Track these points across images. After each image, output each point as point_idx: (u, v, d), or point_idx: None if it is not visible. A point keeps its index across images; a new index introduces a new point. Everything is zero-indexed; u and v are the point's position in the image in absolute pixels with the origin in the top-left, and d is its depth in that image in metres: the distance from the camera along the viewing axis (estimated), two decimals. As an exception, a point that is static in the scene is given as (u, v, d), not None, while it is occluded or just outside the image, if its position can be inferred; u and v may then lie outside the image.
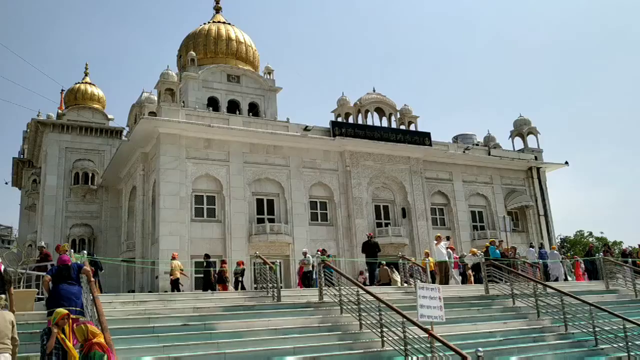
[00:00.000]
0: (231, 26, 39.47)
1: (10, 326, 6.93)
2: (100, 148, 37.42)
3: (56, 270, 8.97)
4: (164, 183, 25.60)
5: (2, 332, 6.73)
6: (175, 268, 19.58)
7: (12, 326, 6.99)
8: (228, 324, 10.65)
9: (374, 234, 22.86)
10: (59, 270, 8.92)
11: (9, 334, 6.85)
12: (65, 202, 35.32)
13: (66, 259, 9.25)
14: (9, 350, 6.81)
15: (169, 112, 26.88)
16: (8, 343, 6.82)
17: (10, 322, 6.98)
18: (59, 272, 8.89)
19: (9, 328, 6.89)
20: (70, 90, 39.88)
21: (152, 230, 27.01)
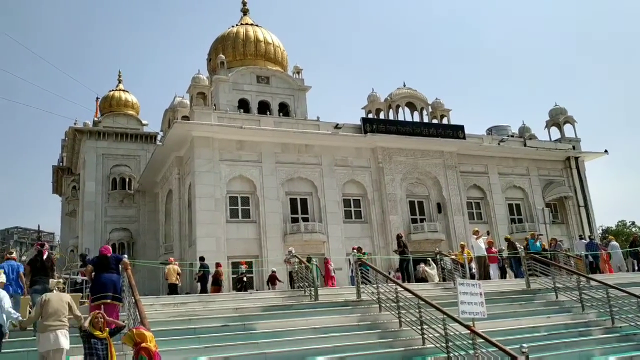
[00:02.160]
0: (259, 27, 39.66)
1: (67, 306, 7.56)
2: (135, 153, 38.12)
3: (97, 260, 9.88)
4: (199, 185, 25.91)
5: (59, 311, 7.33)
6: (171, 273, 19.67)
7: (70, 306, 7.64)
8: (267, 324, 10.69)
9: (402, 234, 22.52)
10: (99, 259, 9.81)
11: (65, 312, 7.45)
12: (104, 208, 36.10)
13: (106, 250, 10.03)
14: (66, 327, 7.40)
15: (201, 116, 27.20)
16: (65, 321, 7.40)
17: (66, 302, 7.61)
18: (99, 261, 9.80)
19: (65, 308, 7.51)
20: (105, 97, 40.76)
21: (189, 233, 27.37)
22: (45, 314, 7.34)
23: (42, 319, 7.36)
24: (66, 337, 7.44)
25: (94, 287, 9.56)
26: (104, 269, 9.63)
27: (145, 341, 6.54)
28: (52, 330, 7.26)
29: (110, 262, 9.74)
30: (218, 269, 20.81)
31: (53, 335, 7.25)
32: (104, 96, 40.93)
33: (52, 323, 7.28)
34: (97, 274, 9.61)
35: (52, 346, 7.23)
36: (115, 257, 10.05)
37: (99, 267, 9.66)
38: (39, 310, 7.47)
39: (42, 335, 7.29)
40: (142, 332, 6.70)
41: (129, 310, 9.59)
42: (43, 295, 7.89)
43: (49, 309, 7.36)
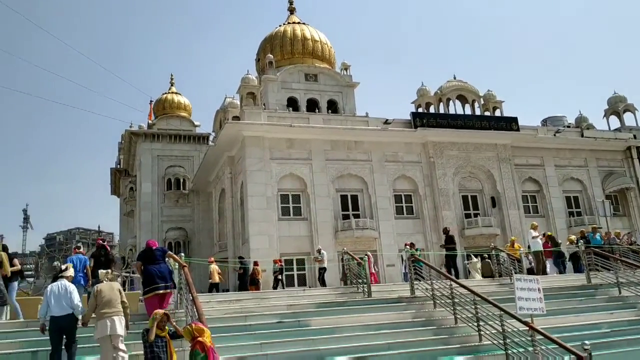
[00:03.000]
0: (306, 26, 39.82)
1: (118, 293, 8.13)
2: (189, 154, 39.04)
3: (143, 254, 10.31)
4: (251, 184, 26.30)
5: (112, 299, 7.91)
6: (213, 272, 20.12)
7: (120, 293, 8.21)
8: (321, 321, 10.73)
9: (450, 228, 22.02)
10: (145, 253, 10.25)
11: (118, 299, 8.02)
12: (160, 207, 37.16)
13: (152, 243, 10.49)
14: (121, 313, 7.96)
15: (251, 115, 27.58)
16: (119, 307, 7.97)
17: (117, 290, 8.20)
18: (145, 254, 10.24)
19: (117, 295, 8.08)
20: (158, 100, 41.92)
21: (242, 231, 27.83)
22: (100, 303, 7.84)
23: (98, 307, 7.84)
24: (121, 323, 7.89)
25: (145, 280, 10.05)
26: (151, 261, 10.07)
27: (202, 336, 6.69)
28: (108, 316, 7.73)
29: (156, 254, 10.17)
30: (255, 267, 21.07)
31: (110, 321, 7.71)
32: (158, 99, 42.10)
33: (107, 310, 7.78)
34: (145, 267, 10.07)
35: (109, 332, 7.68)
36: (161, 249, 10.51)
37: (146, 260, 10.11)
38: (94, 301, 7.96)
39: (99, 322, 7.75)
40: (200, 327, 6.86)
41: (187, 307, 9.82)
42: (95, 286, 8.43)
43: (102, 298, 7.87)
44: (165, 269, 10.15)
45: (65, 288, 8.14)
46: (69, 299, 8.01)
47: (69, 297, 8.03)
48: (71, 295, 8.09)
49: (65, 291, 8.07)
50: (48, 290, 8.19)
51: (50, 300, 7.96)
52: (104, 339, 7.71)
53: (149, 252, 10.21)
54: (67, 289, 8.13)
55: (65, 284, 8.26)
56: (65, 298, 7.99)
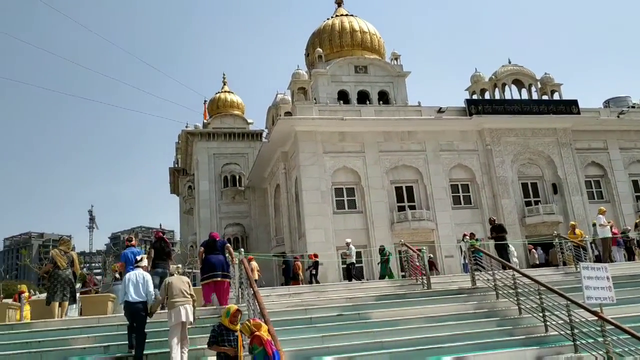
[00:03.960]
0: (354, 17, 39.60)
1: (187, 286, 8.63)
2: (243, 151, 39.67)
3: (206, 243, 11.14)
4: (305, 179, 26.48)
5: (182, 290, 8.46)
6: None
7: (188, 285, 8.70)
8: (381, 313, 10.69)
9: (496, 218, 21.23)
10: (208, 242, 11.13)
11: (187, 290, 8.54)
12: (218, 204, 37.97)
13: (215, 235, 11.44)
14: (189, 303, 8.47)
15: (303, 110, 27.72)
16: (188, 297, 8.50)
17: (186, 283, 8.70)
18: (208, 244, 11.11)
19: (186, 287, 8.60)
20: (212, 100, 42.76)
21: (298, 225, 28.08)
22: (170, 293, 8.42)
23: (169, 297, 8.42)
24: (191, 312, 8.43)
25: (204, 268, 10.82)
26: (212, 251, 10.94)
27: (259, 330, 6.80)
28: (179, 305, 8.28)
29: (218, 245, 11.06)
30: (296, 262, 21.14)
31: (182, 309, 8.26)
32: (211, 99, 42.95)
33: (178, 299, 8.33)
34: (206, 256, 10.90)
35: (183, 318, 8.24)
36: (222, 241, 11.39)
37: (208, 250, 10.96)
38: (164, 292, 8.55)
39: (172, 310, 8.30)
40: (258, 322, 6.99)
41: (248, 301, 10.00)
42: (166, 279, 8.94)
43: (173, 289, 8.43)
44: (223, 260, 10.93)
45: (142, 277, 8.71)
46: (146, 286, 8.60)
47: (146, 285, 8.63)
48: (147, 283, 8.69)
49: (142, 279, 8.66)
50: (126, 279, 8.73)
51: (129, 287, 8.51)
52: (176, 325, 8.23)
53: (212, 243, 11.10)
54: (144, 277, 8.71)
55: (142, 273, 8.82)
56: (143, 286, 8.58)
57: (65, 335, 9.09)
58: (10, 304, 12.65)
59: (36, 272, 12.06)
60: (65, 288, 10.66)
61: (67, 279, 10.75)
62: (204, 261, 10.92)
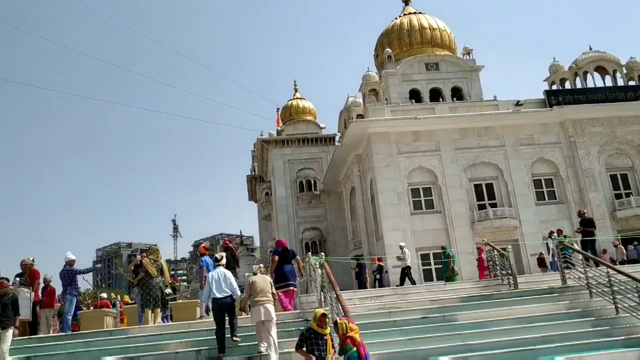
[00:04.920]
0: (422, 15, 39.00)
1: (269, 285, 9.05)
2: (317, 156, 39.99)
3: (280, 252, 11.45)
4: (380, 180, 26.30)
5: (264, 289, 8.85)
6: None
7: (270, 285, 9.13)
8: (468, 315, 10.42)
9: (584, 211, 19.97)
10: (282, 252, 11.43)
11: (269, 289, 8.95)
12: (295, 209, 38.46)
13: (284, 243, 11.87)
14: (271, 302, 8.85)
15: (375, 112, 27.59)
16: (269, 296, 8.88)
17: (269, 282, 9.13)
18: (282, 253, 11.42)
19: (268, 286, 9.01)
20: (285, 107, 43.45)
21: (375, 227, 27.92)
22: (254, 292, 8.80)
23: (252, 296, 8.81)
24: (272, 310, 8.75)
25: (280, 276, 11.14)
26: (285, 260, 11.37)
27: (353, 333, 6.79)
28: (262, 304, 8.65)
29: (289, 255, 11.49)
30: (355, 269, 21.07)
31: (263, 308, 8.62)
32: (284, 106, 43.65)
33: (261, 298, 8.72)
34: (279, 264, 11.29)
35: (263, 317, 8.58)
36: (292, 252, 11.80)
37: (281, 259, 11.32)
38: (249, 290, 8.93)
39: (254, 309, 8.70)
40: (354, 326, 6.98)
41: (332, 304, 10.05)
42: (250, 277, 9.30)
43: (256, 288, 8.82)
44: (293, 269, 11.57)
45: (224, 274, 9.19)
46: (229, 283, 9.06)
47: (228, 281, 9.09)
48: (230, 280, 9.15)
49: (224, 277, 9.13)
50: (209, 277, 9.21)
51: (212, 285, 9.00)
52: (258, 323, 8.64)
53: (285, 253, 11.49)
54: (225, 275, 9.19)
55: (224, 271, 9.30)
56: (225, 282, 9.03)
57: (159, 340, 9.49)
58: (107, 311, 13.39)
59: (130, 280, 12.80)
60: (157, 295, 11.15)
61: (158, 286, 11.24)
62: (277, 270, 11.25)
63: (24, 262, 12.70)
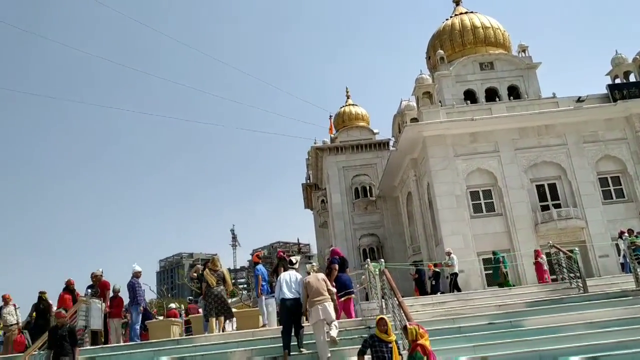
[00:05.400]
0: (474, 14, 38.25)
1: (323, 283, 9.10)
2: (371, 162, 39.86)
3: (339, 261, 11.58)
4: (437, 184, 25.91)
5: (319, 288, 8.92)
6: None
7: (325, 282, 9.20)
8: (536, 320, 10.08)
9: None
10: (341, 261, 11.63)
11: (324, 287, 9.01)
12: (351, 216, 38.42)
13: (340, 252, 11.97)
14: (328, 300, 8.93)
15: (429, 115, 27.24)
16: (326, 294, 8.97)
17: (322, 280, 9.19)
18: (341, 262, 11.61)
19: (323, 284, 9.07)
20: (337, 114, 43.59)
21: (434, 232, 27.50)
22: (310, 292, 8.91)
23: (309, 297, 8.92)
24: (330, 308, 8.87)
25: (341, 285, 11.27)
26: (343, 269, 11.57)
27: (423, 340, 6.68)
28: (318, 303, 8.77)
29: (346, 263, 11.76)
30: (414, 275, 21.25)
31: (321, 307, 8.74)
32: (336, 113, 43.79)
33: (317, 299, 8.83)
34: (339, 274, 11.43)
35: (321, 317, 8.69)
36: (346, 260, 12.08)
37: (340, 269, 11.47)
38: (305, 291, 9.03)
39: (312, 309, 8.80)
40: (424, 332, 6.86)
41: (393, 311, 9.95)
42: (304, 278, 9.41)
43: (312, 288, 8.93)
44: (350, 277, 11.85)
45: (295, 277, 9.42)
46: (298, 285, 9.24)
47: (298, 283, 9.26)
48: (299, 282, 9.30)
49: (295, 279, 9.35)
50: (281, 278, 9.45)
51: (283, 285, 9.22)
52: (317, 323, 8.73)
53: (343, 261, 11.74)
54: (296, 278, 9.40)
55: (295, 274, 9.53)
56: (295, 284, 9.24)
57: (224, 348, 9.65)
58: (173, 320, 13.75)
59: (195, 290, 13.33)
60: (219, 304, 11.34)
61: (220, 295, 11.42)
62: (337, 279, 11.32)
63: (94, 274, 13.27)
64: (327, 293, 9.01)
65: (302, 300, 9.18)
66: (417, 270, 22.78)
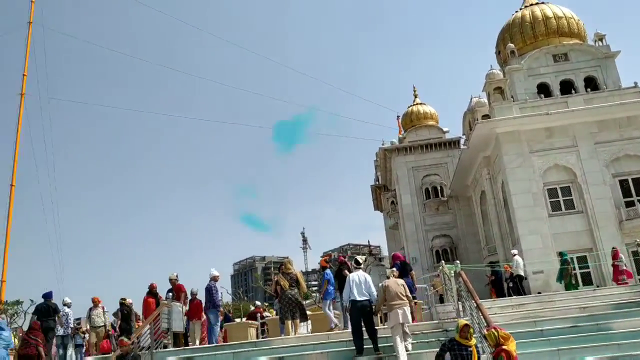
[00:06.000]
0: (545, 4, 36.74)
1: (402, 288, 9.27)
2: (442, 161, 39.15)
3: (400, 266, 11.72)
4: (512, 182, 25.11)
5: (398, 293, 9.05)
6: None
7: (404, 287, 9.35)
8: (625, 323, 9.57)
9: None
10: (403, 265, 11.81)
11: (403, 292, 9.15)
12: (422, 217, 37.86)
13: (401, 256, 12.26)
14: (406, 305, 9.03)
15: (501, 111, 26.46)
16: (405, 299, 9.07)
17: (401, 285, 9.34)
18: (403, 267, 11.75)
19: (402, 289, 9.21)
20: (405, 114, 43.14)
21: (510, 232, 26.65)
22: (388, 296, 9.03)
23: (387, 300, 9.02)
24: (408, 312, 8.99)
25: None
26: (405, 274, 11.55)
27: (507, 343, 6.47)
28: (397, 307, 8.88)
29: (407, 267, 11.79)
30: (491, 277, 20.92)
31: (400, 311, 8.86)
32: (404, 113, 43.34)
33: (395, 302, 8.95)
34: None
35: (400, 320, 8.81)
36: (410, 266, 12.28)
37: (401, 272, 11.45)
38: (383, 294, 9.17)
39: (391, 312, 8.92)
40: (507, 334, 6.65)
41: (471, 314, 9.73)
42: (383, 282, 9.61)
43: (391, 292, 9.06)
44: (412, 282, 11.79)
45: (364, 278, 9.47)
46: (368, 286, 9.28)
47: (368, 285, 9.31)
48: (369, 283, 9.39)
49: (364, 280, 9.39)
50: (350, 279, 9.48)
51: (352, 286, 9.26)
52: (395, 326, 8.85)
53: (404, 266, 11.98)
54: (365, 279, 9.45)
55: (364, 275, 9.60)
56: (365, 285, 9.27)
57: (301, 351, 9.78)
58: (250, 322, 14.07)
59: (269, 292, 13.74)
60: (294, 307, 11.48)
61: (294, 298, 11.57)
62: None
63: (170, 277, 13.83)
64: (405, 298, 9.09)
65: (377, 302, 9.19)
66: (493, 271, 22.18)
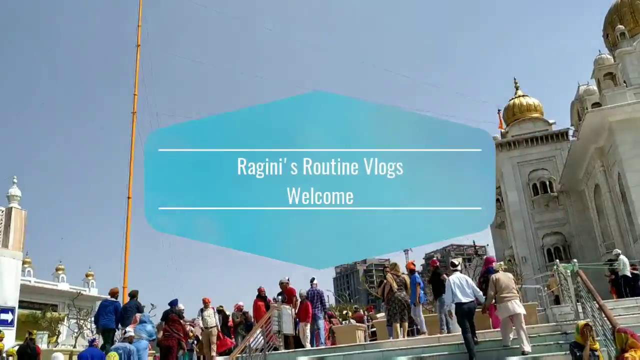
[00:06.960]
0: (659, -21, 33.86)
1: (512, 282, 9.25)
2: (549, 155, 37.19)
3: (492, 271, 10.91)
4: (630, 173, 23.44)
5: (509, 286, 9.06)
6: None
7: (514, 281, 9.37)
8: None
9: None
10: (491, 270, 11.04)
11: (514, 286, 9.18)
12: (530, 214, 36.12)
13: (493, 260, 11.82)
14: (517, 297, 9.07)
15: (614, 98, 24.76)
16: (515, 292, 9.11)
17: (512, 279, 9.35)
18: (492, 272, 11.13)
19: (512, 282, 9.23)
20: (507, 107, 41.43)
21: (629, 227, 24.76)
22: (499, 289, 9.03)
23: (498, 293, 9.04)
24: (520, 305, 8.98)
25: None
26: None
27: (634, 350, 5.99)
28: (508, 300, 8.89)
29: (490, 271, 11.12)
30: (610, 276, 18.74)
31: (510, 304, 8.85)
32: (505, 107, 41.65)
33: (506, 295, 8.95)
34: None
35: (511, 312, 8.81)
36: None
37: None
38: (493, 288, 9.14)
39: (501, 305, 8.95)
40: (636, 342, 6.15)
41: (593, 315, 9.17)
42: (493, 275, 9.48)
43: (501, 285, 9.05)
44: None
45: (465, 279, 9.49)
46: (471, 287, 9.33)
47: (471, 285, 9.36)
48: (472, 284, 9.42)
49: (466, 281, 9.41)
50: (450, 282, 9.43)
51: (455, 289, 9.24)
52: (505, 319, 8.95)
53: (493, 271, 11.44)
54: (466, 280, 9.48)
55: (464, 276, 9.62)
56: (468, 287, 9.30)
57: (411, 354, 9.66)
58: (357, 325, 14.13)
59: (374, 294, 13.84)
60: (403, 309, 11.40)
61: (403, 300, 11.49)
62: None
63: (281, 281, 14.25)
64: (515, 291, 9.09)
65: (487, 297, 9.27)
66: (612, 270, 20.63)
